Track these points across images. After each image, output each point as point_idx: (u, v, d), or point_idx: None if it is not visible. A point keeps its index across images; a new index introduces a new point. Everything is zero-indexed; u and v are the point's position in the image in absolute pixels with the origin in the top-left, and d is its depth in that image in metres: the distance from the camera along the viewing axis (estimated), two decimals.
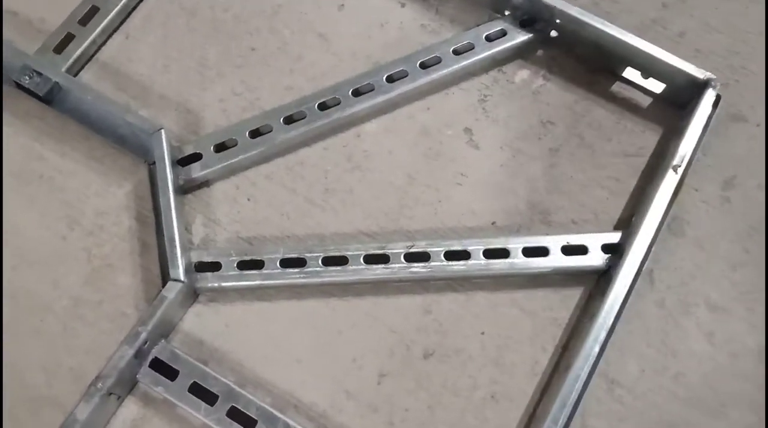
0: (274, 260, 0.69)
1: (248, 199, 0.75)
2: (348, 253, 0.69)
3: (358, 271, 0.68)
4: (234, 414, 0.63)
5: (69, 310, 0.70)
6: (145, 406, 0.66)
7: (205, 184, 0.75)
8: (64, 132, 0.78)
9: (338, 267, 0.68)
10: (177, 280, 0.65)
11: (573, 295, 0.68)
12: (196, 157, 0.74)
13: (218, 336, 0.69)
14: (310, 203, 0.74)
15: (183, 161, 0.74)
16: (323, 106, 0.76)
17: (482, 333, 0.67)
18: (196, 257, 0.70)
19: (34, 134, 0.78)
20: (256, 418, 0.63)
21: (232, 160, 0.74)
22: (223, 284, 0.68)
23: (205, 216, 0.74)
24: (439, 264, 0.68)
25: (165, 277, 0.68)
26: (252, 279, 0.68)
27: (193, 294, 0.69)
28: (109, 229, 0.73)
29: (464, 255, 0.68)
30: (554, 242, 0.68)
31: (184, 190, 0.74)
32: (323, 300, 0.70)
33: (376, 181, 0.75)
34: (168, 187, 0.70)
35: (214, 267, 0.69)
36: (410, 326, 0.68)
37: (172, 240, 0.67)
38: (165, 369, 0.65)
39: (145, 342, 0.64)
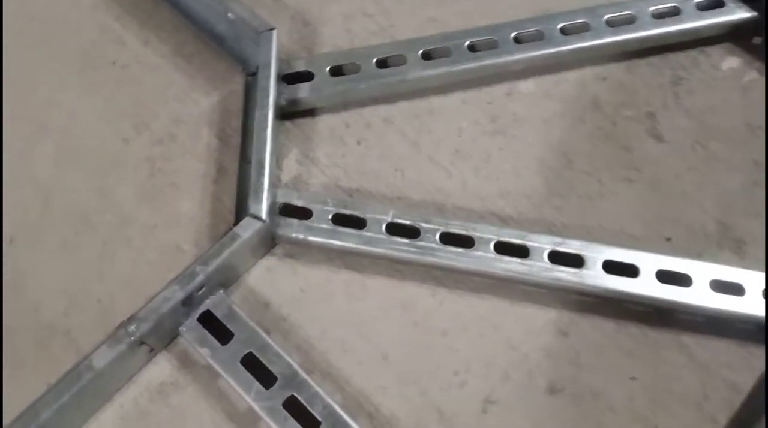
0: (379, 222, 0.53)
1: (358, 143, 0.59)
2: (476, 234, 0.52)
3: (485, 260, 0.52)
4: (292, 406, 0.48)
5: (112, 228, 0.56)
6: (181, 369, 0.51)
7: (309, 112, 0.60)
8: (153, 16, 0.64)
9: (460, 250, 0.52)
10: (256, 217, 0.50)
11: (761, 355, 0.51)
12: (306, 77, 0.59)
13: (289, 301, 0.53)
14: (434, 164, 0.58)
15: (289, 78, 0.59)
16: (473, 48, 0.60)
17: (632, 379, 0.50)
18: (282, 197, 0.54)
19: (117, 12, 0.64)
20: (319, 418, 0.47)
21: (349, 90, 0.59)
22: (310, 237, 0.53)
23: (302, 151, 0.59)
24: (593, 275, 0.51)
25: (240, 214, 0.53)
26: (347, 240, 0.53)
27: (269, 242, 0.53)
28: (183, 142, 0.59)
29: (630, 270, 0.51)
30: (751, 280, 0.51)
31: (284, 113, 0.59)
32: (429, 288, 0.54)
33: (522, 154, 0.58)
34: (268, 103, 0.55)
35: (303, 214, 0.54)
36: (537, 346, 0.52)
37: (261, 166, 0.52)
38: (216, 328, 0.50)
39: (200, 288, 0.49)
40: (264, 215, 0.50)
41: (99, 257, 0.55)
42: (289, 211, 0.55)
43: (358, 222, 0.54)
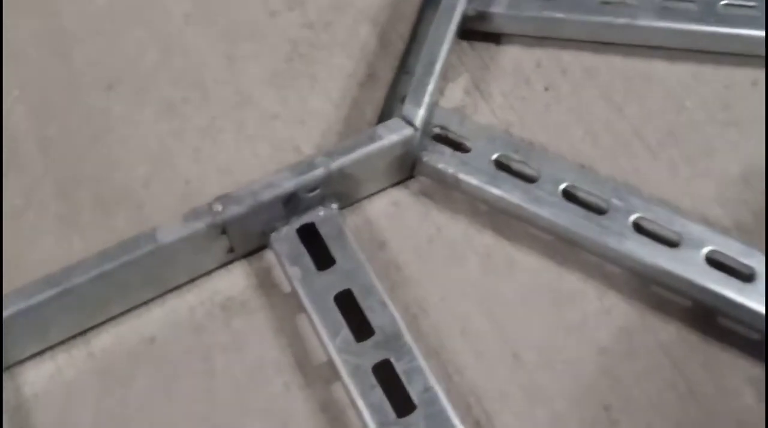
0: (555, 182, 0.40)
1: (546, 89, 0.47)
2: (684, 234, 0.38)
3: (692, 268, 0.37)
4: (384, 373, 0.35)
5: (227, 105, 0.46)
6: (258, 289, 0.40)
7: (494, 37, 0.48)
8: None
9: (659, 246, 0.38)
10: (407, 122, 0.38)
11: None
12: None
13: (411, 250, 0.41)
14: (638, 138, 0.45)
15: None
16: (731, 12, 0.46)
17: None
18: (440, 119, 0.42)
19: None
20: (416, 402, 0.34)
21: (555, 21, 0.46)
22: (462, 175, 0.40)
23: (473, 80, 0.47)
24: None
25: (384, 118, 0.42)
26: (509, 191, 0.40)
27: (408, 166, 0.41)
28: (337, 33, 0.48)
29: None
30: None
31: (465, 31, 0.47)
32: (597, 288, 0.40)
33: (757, 160, 0.44)
34: (454, 8, 0.43)
35: (460, 146, 0.42)
36: (736, 406, 0.37)
37: (430, 68, 0.40)
38: (316, 248, 0.38)
39: (313, 188, 0.37)
40: (418, 122, 0.38)
41: (202, 133, 0.44)
42: (442, 139, 0.42)
43: (527, 179, 0.41)
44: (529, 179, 0.41)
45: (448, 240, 0.42)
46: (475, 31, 0.47)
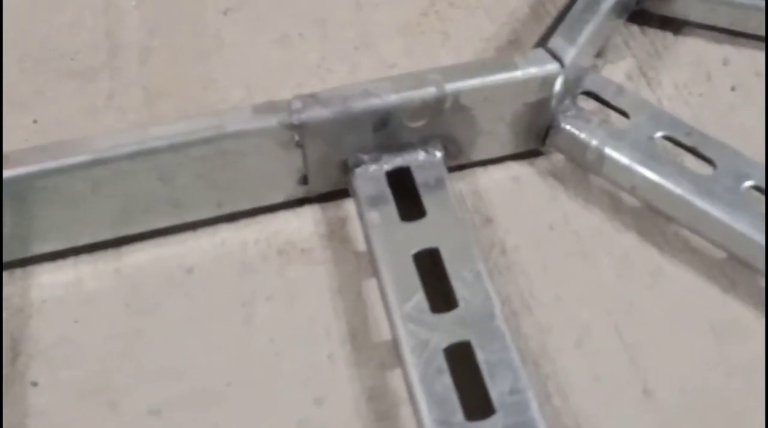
0: (736, 176, 0.30)
1: (732, 89, 0.37)
2: None
3: None
4: (458, 356, 0.26)
5: (346, 42, 0.40)
6: (327, 237, 0.32)
7: (673, 24, 0.40)
8: None
9: None
10: (553, 56, 0.30)
11: None
12: None
13: (526, 234, 0.32)
14: None
15: None
16: None
17: None
18: (592, 84, 0.34)
19: None
20: (495, 404, 0.24)
21: (759, 10, 0.37)
22: (609, 151, 0.31)
23: (639, 65, 0.38)
24: None
25: None
26: (672, 179, 0.30)
27: (539, 127, 0.33)
28: None
29: None
30: None
31: (635, 11, 0.39)
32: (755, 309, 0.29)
33: None
34: None
35: (610, 120, 0.33)
36: None
37: (594, 5, 0.32)
38: (404, 198, 0.30)
39: (417, 117, 0.30)
40: (567, 59, 0.30)
41: (310, 69, 0.39)
42: (588, 110, 0.34)
43: (696, 167, 0.31)
44: (702, 169, 0.31)
45: (575, 232, 0.32)
46: (650, 14, 0.39)
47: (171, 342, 0.30)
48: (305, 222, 0.33)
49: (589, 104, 0.34)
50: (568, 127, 0.32)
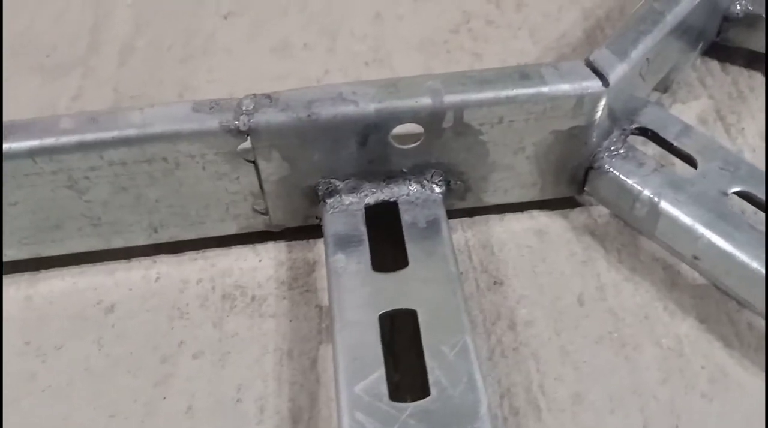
0: None
1: None
2: None
3: None
4: None
5: (355, 56, 0.33)
6: (283, 281, 0.25)
7: (758, 60, 0.31)
8: None
9: None
10: (594, 70, 0.22)
11: None
12: None
13: (546, 306, 0.24)
14: None
15: None
16: None
17: None
18: (649, 117, 0.26)
19: None
20: None
21: None
22: (668, 207, 0.23)
23: (716, 107, 0.30)
24: None
25: None
26: (752, 257, 0.22)
27: (576, 165, 0.25)
28: (529, 10, 0.35)
29: None
30: None
31: (716, 42, 0.31)
32: None
33: None
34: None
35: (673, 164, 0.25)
36: None
37: (655, 18, 0.24)
38: (383, 240, 0.23)
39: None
40: (612, 77, 0.22)
41: (309, 81, 0.32)
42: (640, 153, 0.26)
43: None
44: None
45: (612, 311, 0.24)
46: (734, 48, 0.31)
47: (63, 396, 0.23)
48: (265, 262, 0.26)
49: (648, 148, 0.26)
50: (613, 169, 0.24)
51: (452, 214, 0.26)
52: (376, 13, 0.36)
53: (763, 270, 0.22)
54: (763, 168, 0.28)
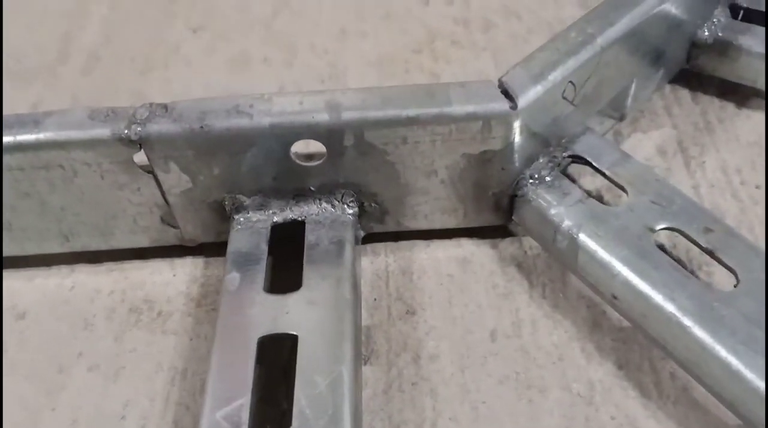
0: (761, 300, 0.19)
1: None
2: None
3: None
4: None
5: (313, 72, 0.33)
6: (192, 297, 0.25)
7: (736, 92, 0.29)
8: None
9: None
10: (503, 91, 0.21)
11: None
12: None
13: (456, 343, 0.23)
14: None
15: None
16: None
17: None
18: (584, 149, 0.24)
19: None
20: None
21: None
22: (587, 241, 0.22)
23: (678, 138, 0.28)
24: None
25: None
26: (676, 302, 0.20)
27: (498, 194, 0.24)
28: (496, 32, 0.34)
29: None
30: None
31: (685, 68, 0.29)
32: None
33: None
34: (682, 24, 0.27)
35: (601, 195, 0.23)
36: None
37: (587, 37, 0.23)
38: (285, 260, 0.22)
39: (311, 158, 0.22)
40: (522, 99, 0.21)
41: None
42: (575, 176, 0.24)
43: (708, 280, 0.21)
44: (720, 282, 0.20)
45: (525, 350, 0.22)
46: (707, 75, 0.30)
47: None
48: (179, 278, 0.25)
49: (590, 179, 0.25)
50: (536, 198, 0.23)
51: (376, 237, 0.25)
52: (341, 29, 0.35)
53: (683, 315, 0.20)
54: (723, 202, 0.26)
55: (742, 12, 0.29)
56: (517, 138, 0.22)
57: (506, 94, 0.21)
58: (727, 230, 0.21)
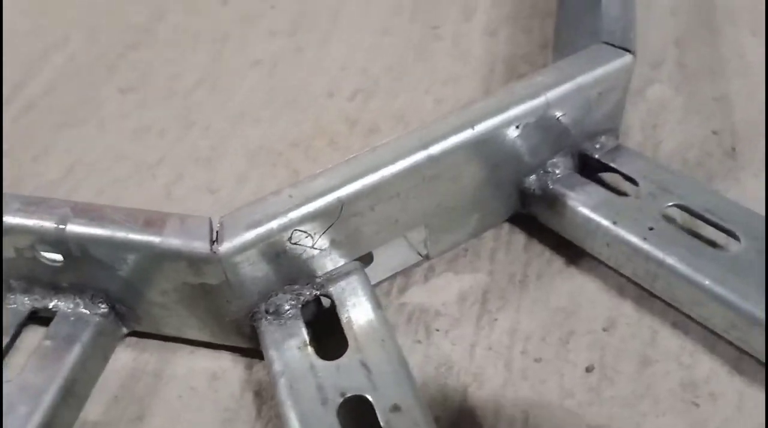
0: None
1: (588, 369, 0.24)
2: None
3: None
4: None
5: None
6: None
7: (576, 252, 0.28)
8: None
9: None
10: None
11: None
12: None
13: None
14: None
15: None
16: None
17: None
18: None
19: None
20: None
21: None
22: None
23: (488, 289, 0.27)
24: None
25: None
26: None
27: (239, 318, 0.24)
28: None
29: None
30: None
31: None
32: None
33: None
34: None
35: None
36: None
37: None
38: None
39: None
40: (224, 248, 0.21)
41: (147, 167, 0.34)
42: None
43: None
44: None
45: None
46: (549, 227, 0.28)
47: None
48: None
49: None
50: (264, 332, 0.23)
51: (149, 334, 0.26)
52: (241, 112, 0.36)
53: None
54: (491, 369, 0.25)
55: (589, 164, 0.28)
56: (232, 277, 0.22)
57: (218, 234, 0.22)
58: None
